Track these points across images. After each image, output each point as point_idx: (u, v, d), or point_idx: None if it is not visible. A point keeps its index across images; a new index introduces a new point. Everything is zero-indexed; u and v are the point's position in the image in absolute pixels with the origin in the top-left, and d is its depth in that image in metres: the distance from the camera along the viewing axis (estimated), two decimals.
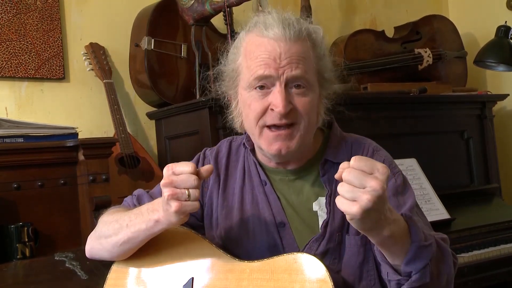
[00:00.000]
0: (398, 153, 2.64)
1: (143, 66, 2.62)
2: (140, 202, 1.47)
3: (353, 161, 1.07)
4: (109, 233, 1.38)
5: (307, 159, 1.42)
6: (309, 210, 1.39)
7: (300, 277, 1.22)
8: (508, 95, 3.32)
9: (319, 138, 1.46)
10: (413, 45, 3.30)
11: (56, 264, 1.96)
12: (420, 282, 1.16)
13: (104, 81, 2.61)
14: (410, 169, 2.73)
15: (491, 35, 3.06)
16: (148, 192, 1.50)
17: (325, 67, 1.39)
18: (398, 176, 1.38)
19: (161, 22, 2.67)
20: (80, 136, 2.26)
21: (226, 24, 2.57)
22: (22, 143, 2.13)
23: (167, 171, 1.23)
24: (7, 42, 2.51)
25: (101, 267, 1.72)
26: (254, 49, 1.33)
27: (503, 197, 3.14)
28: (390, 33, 3.40)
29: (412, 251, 1.15)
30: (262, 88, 1.32)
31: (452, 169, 3.03)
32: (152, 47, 2.61)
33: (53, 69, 2.60)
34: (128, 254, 1.40)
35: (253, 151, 1.46)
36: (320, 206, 1.38)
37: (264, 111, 1.32)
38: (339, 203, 1.07)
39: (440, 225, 2.58)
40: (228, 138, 1.55)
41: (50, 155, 2.17)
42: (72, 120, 2.61)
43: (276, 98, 1.30)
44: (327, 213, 1.36)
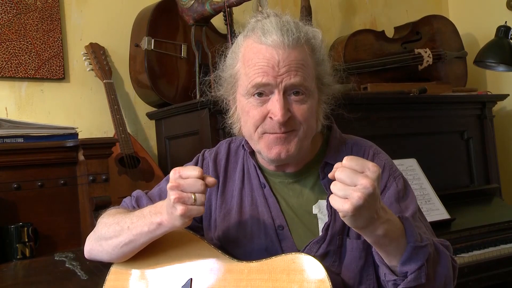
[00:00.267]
0: (398, 154, 2.65)
1: (143, 66, 2.62)
2: (138, 204, 1.47)
3: (345, 160, 1.10)
4: (110, 235, 1.37)
5: (306, 162, 1.42)
6: (309, 213, 1.39)
7: (299, 277, 1.22)
8: (508, 95, 3.32)
9: (318, 141, 1.45)
10: (413, 45, 3.30)
11: (56, 264, 1.96)
12: (415, 282, 1.18)
13: (104, 81, 2.61)
14: (410, 169, 2.73)
15: (491, 35, 3.06)
16: (146, 193, 1.50)
17: (324, 72, 1.38)
18: (399, 180, 1.38)
19: (161, 22, 2.67)
20: (80, 136, 2.26)
21: (226, 24, 2.57)
22: (22, 143, 2.13)
23: (174, 174, 1.22)
24: (7, 42, 2.51)
25: (101, 267, 1.72)
26: (252, 56, 1.32)
27: (503, 197, 3.14)
28: (390, 33, 3.40)
29: (407, 251, 1.17)
30: (260, 96, 1.31)
31: (452, 169, 3.03)
32: (152, 47, 2.61)
33: (53, 69, 2.60)
34: (128, 256, 1.39)
35: (252, 154, 1.46)
36: (320, 209, 1.38)
37: (263, 119, 1.32)
38: (332, 201, 1.10)
39: (440, 225, 2.58)
40: (227, 139, 1.55)
41: (50, 155, 2.17)
42: (72, 120, 2.61)
43: (274, 106, 1.29)
44: (328, 215, 1.35)
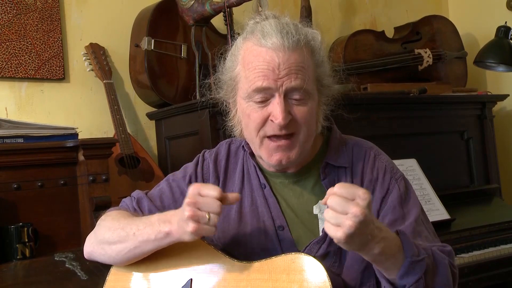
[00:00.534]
0: (398, 154, 2.64)
1: (143, 67, 2.62)
2: (139, 206, 1.46)
3: (336, 187, 1.13)
4: (114, 240, 1.36)
5: (306, 162, 1.42)
6: (309, 213, 1.39)
7: (298, 277, 1.22)
8: (508, 95, 3.32)
9: (318, 141, 1.45)
10: (413, 46, 3.30)
11: (56, 265, 1.96)
12: None
13: (104, 81, 2.61)
14: (410, 169, 2.73)
15: (491, 35, 3.06)
16: (146, 194, 1.49)
17: (324, 74, 1.38)
18: (400, 182, 1.39)
19: (161, 23, 2.67)
20: (80, 137, 2.26)
21: (226, 24, 2.57)
22: (22, 144, 2.13)
23: (192, 190, 1.23)
24: (7, 43, 2.51)
25: (101, 267, 1.72)
26: (252, 59, 1.32)
27: (503, 197, 3.14)
28: (390, 33, 3.40)
29: (405, 266, 1.20)
30: (261, 102, 1.31)
31: (452, 169, 3.03)
32: (152, 48, 2.61)
33: (53, 70, 2.60)
34: (131, 262, 1.39)
35: (252, 155, 1.45)
36: (320, 210, 1.38)
37: (264, 122, 1.32)
38: (326, 228, 1.13)
39: (440, 225, 2.58)
40: (227, 140, 1.54)
41: (50, 155, 2.17)
42: (72, 120, 2.61)
43: (275, 109, 1.29)
44: None
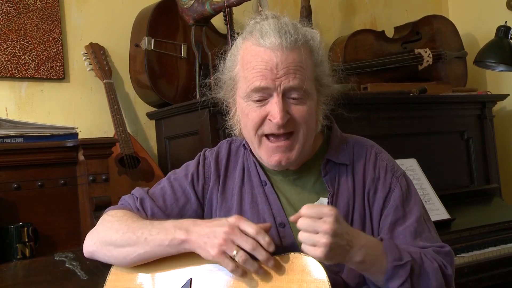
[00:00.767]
0: (398, 153, 2.63)
1: (143, 66, 2.62)
2: (143, 206, 1.45)
3: (303, 210, 1.20)
4: (122, 243, 1.35)
5: (306, 160, 1.43)
6: None
7: (298, 276, 1.23)
8: (508, 95, 3.32)
9: (319, 140, 1.46)
10: (413, 45, 3.30)
11: (56, 264, 1.96)
12: None
13: (104, 81, 2.61)
14: (410, 169, 2.73)
15: (491, 35, 3.06)
16: (148, 192, 1.49)
17: (323, 73, 1.39)
18: (401, 180, 1.40)
19: (161, 22, 2.67)
20: (80, 136, 2.26)
21: (226, 24, 2.57)
22: (22, 143, 2.13)
23: (234, 222, 1.24)
24: (7, 42, 2.51)
25: (101, 267, 1.72)
26: (251, 59, 1.33)
27: (503, 197, 3.14)
28: (390, 33, 3.40)
29: (388, 270, 1.24)
30: (260, 101, 1.33)
31: (452, 169, 3.03)
32: (152, 47, 2.61)
33: (53, 69, 2.60)
34: (137, 264, 1.38)
35: (253, 152, 1.46)
36: None
37: (262, 121, 1.33)
38: (304, 249, 1.19)
39: (440, 225, 2.57)
40: (227, 139, 1.55)
41: (50, 155, 2.16)
42: (72, 120, 2.61)
43: (273, 108, 1.31)
44: None
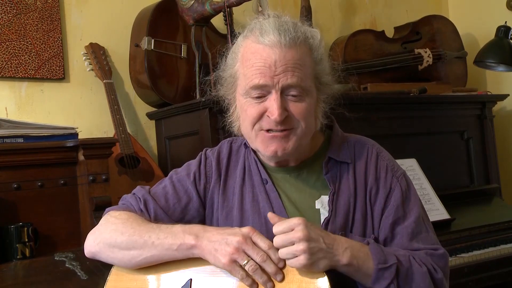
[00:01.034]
0: (398, 153, 2.62)
1: (143, 66, 2.62)
2: (147, 207, 1.45)
3: (274, 228, 1.24)
4: (127, 246, 1.35)
5: (307, 157, 1.44)
6: (311, 208, 1.40)
7: (297, 277, 1.23)
8: (508, 95, 3.32)
9: (319, 139, 1.48)
10: (413, 45, 3.30)
11: (56, 264, 1.96)
12: None
13: (104, 81, 2.61)
14: (410, 169, 2.73)
15: (491, 35, 3.06)
16: (150, 192, 1.49)
17: (323, 71, 1.40)
18: (401, 180, 1.41)
19: (161, 22, 2.67)
20: (80, 136, 2.26)
21: (226, 24, 2.57)
22: (22, 143, 2.13)
23: (247, 233, 1.25)
24: (7, 42, 2.51)
25: (101, 267, 1.72)
26: (250, 56, 1.35)
27: (503, 197, 3.14)
28: (390, 33, 3.40)
29: (374, 273, 1.27)
30: (258, 98, 1.34)
31: (452, 169, 3.02)
32: (152, 47, 2.61)
33: (53, 69, 2.60)
34: (142, 267, 1.38)
35: (254, 150, 1.47)
36: (322, 204, 1.39)
37: (260, 116, 1.34)
38: (290, 264, 1.22)
39: (440, 225, 2.58)
40: (228, 139, 1.56)
41: (50, 155, 2.16)
42: (72, 120, 2.61)
43: (272, 105, 1.32)
44: (329, 211, 1.37)
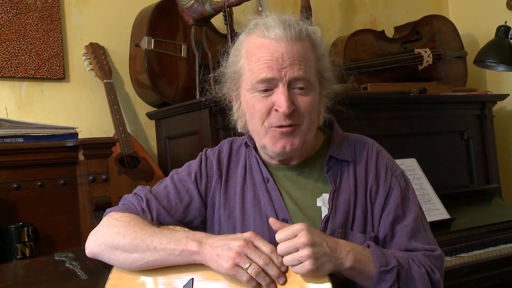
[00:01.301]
0: (398, 153, 2.64)
1: (143, 66, 2.62)
2: (149, 206, 1.44)
3: (277, 236, 1.23)
4: (130, 249, 1.36)
5: (308, 155, 1.45)
6: (313, 206, 1.41)
7: (299, 278, 1.24)
8: (508, 95, 3.32)
9: (320, 138, 1.49)
10: (413, 45, 3.30)
11: (56, 264, 1.96)
12: None
13: (104, 81, 2.61)
14: (410, 169, 2.73)
15: (491, 35, 3.06)
16: (151, 191, 1.48)
17: (325, 67, 1.42)
18: (400, 179, 1.42)
19: (161, 22, 2.67)
20: (80, 136, 2.26)
21: (226, 24, 2.57)
22: (22, 143, 2.13)
23: (249, 237, 1.26)
24: (7, 42, 2.51)
25: (101, 267, 1.72)
26: (256, 50, 1.36)
27: (503, 197, 3.14)
28: (390, 33, 3.40)
29: (376, 276, 1.28)
30: (265, 91, 1.35)
31: (452, 169, 3.03)
32: (152, 47, 2.61)
33: (53, 69, 2.60)
34: (143, 269, 1.38)
35: (256, 149, 1.48)
36: (323, 202, 1.40)
37: (269, 112, 1.35)
38: (295, 270, 1.22)
39: (440, 225, 2.58)
40: (228, 139, 1.56)
41: (50, 155, 2.16)
42: (72, 120, 2.61)
43: (279, 98, 1.33)
44: (329, 209, 1.38)
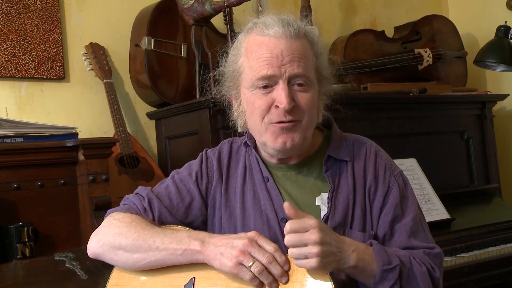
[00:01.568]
0: (398, 153, 2.64)
1: (143, 66, 2.62)
2: (151, 206, 1.45)
3: (288, 226, 1.21)
4: (132, 249, 1.36)
5: (307, 154, 1.45)
6: (312, 205, 1.41)
7: (300, 276, 1.24)
8: (508, 95, 3.32)
9: (319, 137, 1.50)
10: (413, 45, 3.30)
11: (56, 264, 1.96)
12: None
13: (104, 81, 2.61)
14: (410, 169, 2.73)
15: (491, 35, 3.06)
16: (153, 191, 1.49)
17: (323, 65, 1.44)
18: (399, 179, 1.43)
19: (161, 22, 2.67)
20: (80, 136, 2.26)
21: (226, 24, 2.57)
22: (22, 143, 2.13)
23: (252, 236, 1.27)
24: (7, 42, 2.51)
25: (101, 267, 1.72)
26: (256, 48, 1.37)
27: (503, 197, 3.14)
28: (390, 33, 3.40)
29: (378, 274, 1.28)
30: (265, 88, 1.36)
31: (452, 169, 3.03)
32: (152, 47, 2.61)
33: (53, 69, 2.60)
34: (145, 269, 1.38)
35: (255, 149, 1.48)
36: (323, 201, 1.41)
37: (269, 108, 1.36)
38: (297, 264, 1.21)
39: (440, 225, 2.58)
40: (228, 139, 1.56)
41: (50, 155, 2.17)
42: (72, 120, 2.61)
43: (280, 95, 1.34)
44: (328, 208, 1.38)
